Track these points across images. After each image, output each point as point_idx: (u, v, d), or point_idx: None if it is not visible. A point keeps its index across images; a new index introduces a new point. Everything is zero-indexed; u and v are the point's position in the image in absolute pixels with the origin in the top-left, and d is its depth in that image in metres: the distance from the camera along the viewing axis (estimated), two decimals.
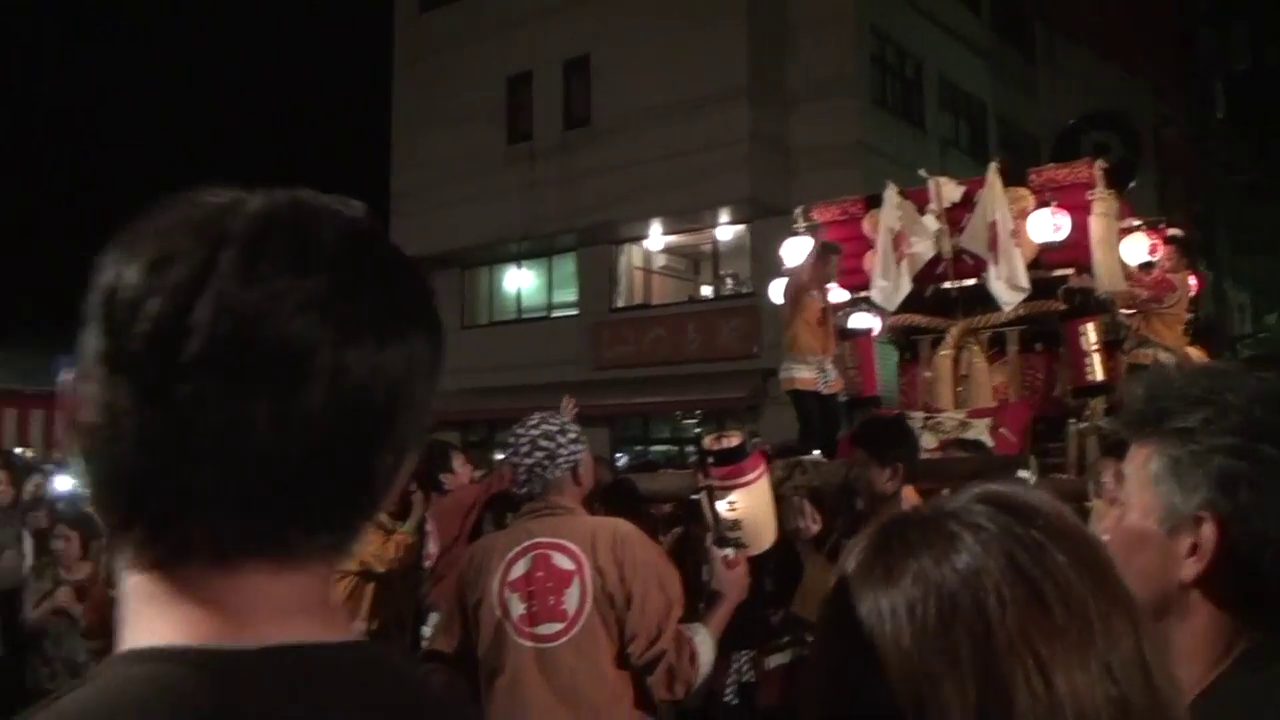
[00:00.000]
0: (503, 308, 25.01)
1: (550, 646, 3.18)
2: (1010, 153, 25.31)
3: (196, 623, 0.76)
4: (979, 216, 7.43)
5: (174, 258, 0.76)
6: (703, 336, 21.03)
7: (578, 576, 3.20)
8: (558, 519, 3.33)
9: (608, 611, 3.18)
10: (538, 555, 3.26)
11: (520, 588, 3.24)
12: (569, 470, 3.39)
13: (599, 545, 3.22)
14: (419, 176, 23.65)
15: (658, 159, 19.74)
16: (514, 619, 3.22)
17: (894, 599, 0.78)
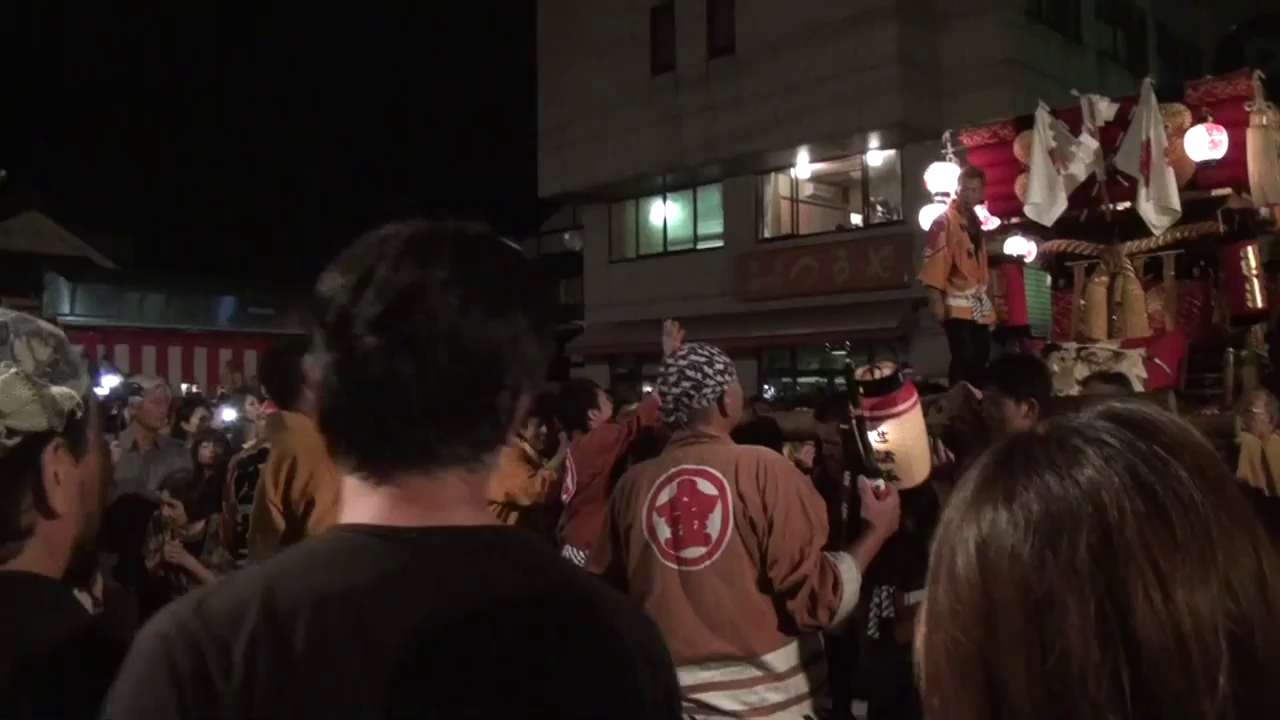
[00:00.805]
0: (649, 241, 25.03)
1: (694, 570, 3.24)
2: (1170, 64, 24.12)
3: (376, 509, 1.16)
4: (1132, 135, 7.05)
5: (352, 269, 1.17)
6: (852, 266, 20.72)
7: (720, 501, 3.24)
8: (703, 446, 3.37)
9: (749, 536, 3.20)
10: (683, 481, 3.31)
11: (666, 513, 3.31)
12: (715, 400, 3.39)
13: (741, 471, 3.24)
14: (564, 112, 23.73)
15: (804, 85, 19.39)
16: (661, 542, 3.30)
17: (1014, 512, 0.80)
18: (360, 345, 1.12)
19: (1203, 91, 7.09)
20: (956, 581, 0.81)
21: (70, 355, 1.31)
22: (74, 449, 1.30)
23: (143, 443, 6.69)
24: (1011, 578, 0.77)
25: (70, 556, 1.31)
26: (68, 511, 1.28)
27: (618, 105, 22.48)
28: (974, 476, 0.86)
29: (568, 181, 24.48)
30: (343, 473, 1.19)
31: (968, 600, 0.80)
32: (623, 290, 24.30)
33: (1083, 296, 7.97)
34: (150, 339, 21.73)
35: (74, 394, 1.28)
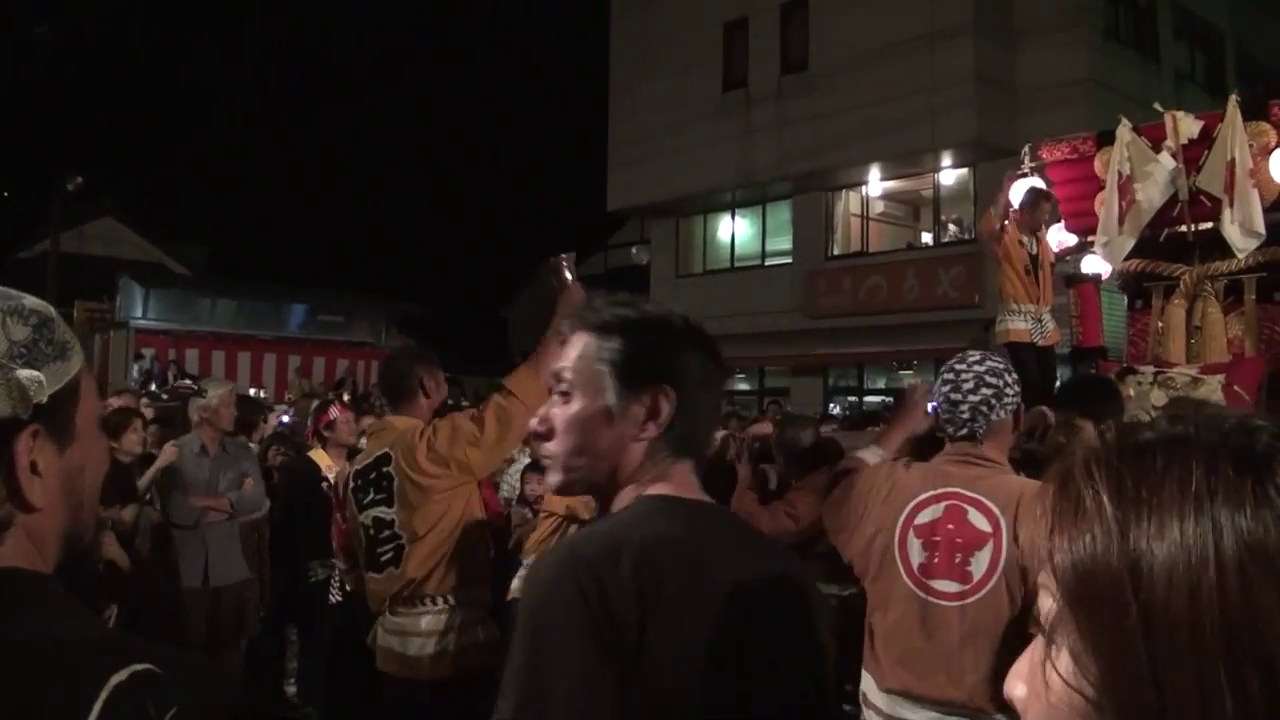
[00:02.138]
0: (717, 256, 25.04)
1: (942, 604, 3.02)
2: (1250, 86, 23.66)
3: (664, 488, 1.69)
4: (1216, 154, 6.90)
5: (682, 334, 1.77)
6: (922, 284, 20.58)
7: (993, 541, 2.97)
8: (980, 470, 3.11)
9: (1017, 586, 2.91)
10: (951, 506, 3.07)
11: (925, 534, 3.08)
12: (1013, 413, 3.18)
13: (1023, 512, 2.94)
14: (636, 126, 23.82)
15: (877, 102, 19.31)
16: (911, 564, 3.09)
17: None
18: (700, 379, 1.73)
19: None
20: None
21: (57, 335, 1.20)
22: (57, 437, 1.19)
23: (210, 446, 6.71)
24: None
25: (60, 550, 1.22)
26: (49, 503, 1.19)
27: (688, 121, 22.53)
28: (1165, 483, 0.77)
29: (636, 196, 24.56)
30: (638, 467, 1.70)
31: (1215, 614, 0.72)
32: (689, 305, 23.66)
33: (1160, 319, 7.81)
34: (220, 344, 22.10)
35: (42, 378, 1.16)
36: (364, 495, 4.11)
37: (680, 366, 1.69)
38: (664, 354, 1.69)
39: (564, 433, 1.70)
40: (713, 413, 1.81)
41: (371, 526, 4.06)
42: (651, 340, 1.70)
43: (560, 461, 1.72)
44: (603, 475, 1.71)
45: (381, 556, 4.05)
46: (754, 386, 24.50)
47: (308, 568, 6.70)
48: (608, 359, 1.69)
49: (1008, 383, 3.15)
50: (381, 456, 4.08)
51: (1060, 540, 0.79)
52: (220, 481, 6.65)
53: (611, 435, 1.68)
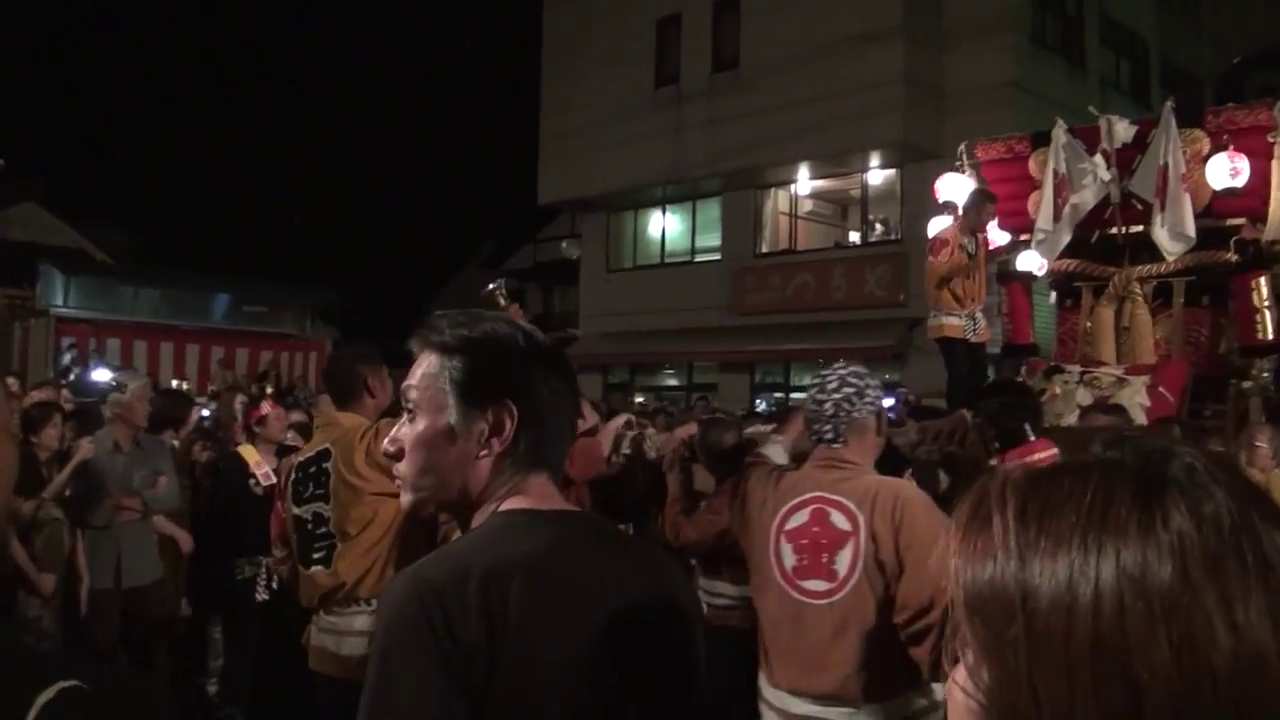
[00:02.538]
0: (647, 252, 25.07)
1: (814, 603, 3.18)
2: (1172, 93, 24.21)
3: (522, 502, 1.68)
4: (1149, 159, 7.03)
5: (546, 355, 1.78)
6: (848, 283, 20.76)
7: (852, 539, 3.14)
8: (841, 473, 3.27)
9: (877, 579, 3.09)
10: (816, 509, 3.23)
11: (794, 538, 3.24)
12: (874, 413, 3.33)
13: (877, 509, 3.13)
14: (567, 120, 23.76)
15: (807, 102, 19.41)
16: (785, 568, 3.25)
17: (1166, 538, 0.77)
18: (550, 394, 1.74)
19: (1223, 119, 7.05)
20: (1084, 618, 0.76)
21: None
22: None
23: (124, 442, 6.45)
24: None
25: None
26: None
27: (620, 116, 22.49)
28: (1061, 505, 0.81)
29: (567, 190, 24.50)
30: (495, 480, 1.70)
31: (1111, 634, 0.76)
32: (618, 300, 24.31)
33: (1090, 319, 7.94)
34: (143, 334, 21.63)
35: None
36: (303, 489, 4.09)
37: (524, 383, 1.70)
38: (506, 371, 1.70)
39: (411, 452, 1.71)
40: (566, 425, 1.80)
41: (310, 521, 4.05)
42: (493, 358, 1.71)
43: (409, 481, 1.73)
44: (453, 494, 1.71)
45: (315, 553, 4.03)
46: (682, 382, 24.55)
47: (234, 565, 6.55)
48: (449, 378, 1.69)
49: (869, 384, 3.32)
50: (323, 452, 4.07)
51: (964, 559, 0.84)
52: (134, 479, 6.42)
53: (456, 453, 1.68)
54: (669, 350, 23.20)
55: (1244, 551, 0.75)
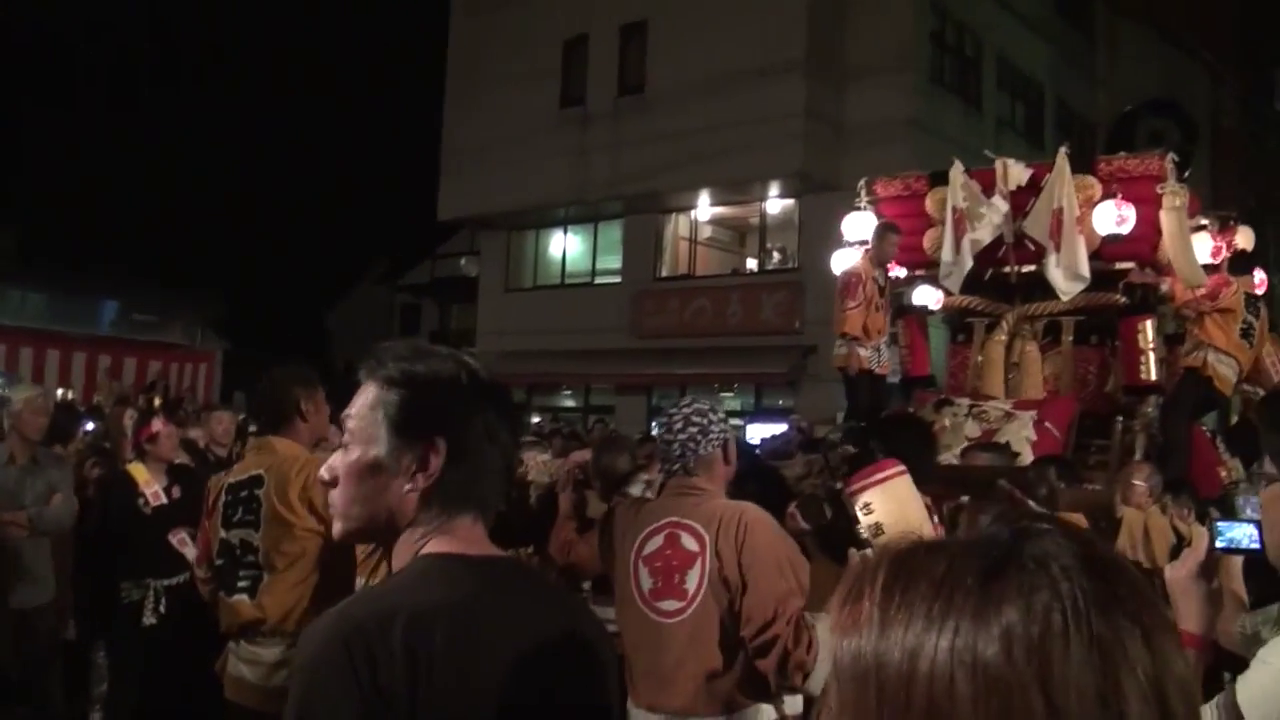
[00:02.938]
0: (547, 272, 25.05)
1: (668, 622, 3.36)
2: (1066, 136, 24.98)
3: (446, 545, 1.68)
4: (1043, 202, 7.26)
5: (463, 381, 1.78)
6: (745, 309, 20.99)
7: (700, 558, 3.34)
8: (692, 499, 3.47)
9: (721, 595, 3.28)
10: (670, 534, 3.43)
11: (650, 562, 3.44)
12: (720, 446, 3.53)
13: (722, 529, 3.32)
14: (470, 136, 23.65)
15: (710, 129, 19.63)
16: (643, 591, 3.43)
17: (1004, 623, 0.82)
18: (475, 433, 1.73)
19: (1115, 167, 7.31)
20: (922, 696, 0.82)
21: None
22: None
23: (19, 456, 6.19)
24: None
25: None
26: None
27: (524, 134, 22.47)
28: (913, 583, 0.86)
29: (468, 206, 24.38)
30: (414, 522, 1.71)
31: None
32: (517, 320, 24.24)
33: (981, 353, 8.14)
34: (28, 340, 20.86)
35: None
36: (233, 512, 3.99)
37: (458, 421, 1.72)
38: (440, 407, 1.72)
39: (343, 481, 1.73)
40: (499, 467, 1.79)
41: (238, 547, 3.96)
42: (429, 394, 1.73)
43: (339, 510, 1.75)
44: (380, 525, 1.73)
45: (240, 580, 3.94)
46: (579, 404, 24.56)
47: (120, 587, 6.31)
48: (384, 411, 1.72)
49: (712, 421, 3.52)
50: (256, 477, 3.97)
51: (839, 629, 0.89)
52: (26, 494, 6.16)
53: (382, 485, 1.70)
54: (566, 371, 23.19)
55: (1073, 638, 0.80)
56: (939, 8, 20.85)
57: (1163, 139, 20.95)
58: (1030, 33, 23.86)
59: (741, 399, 22.87)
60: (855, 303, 7.85)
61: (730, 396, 23.22)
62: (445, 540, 1.69)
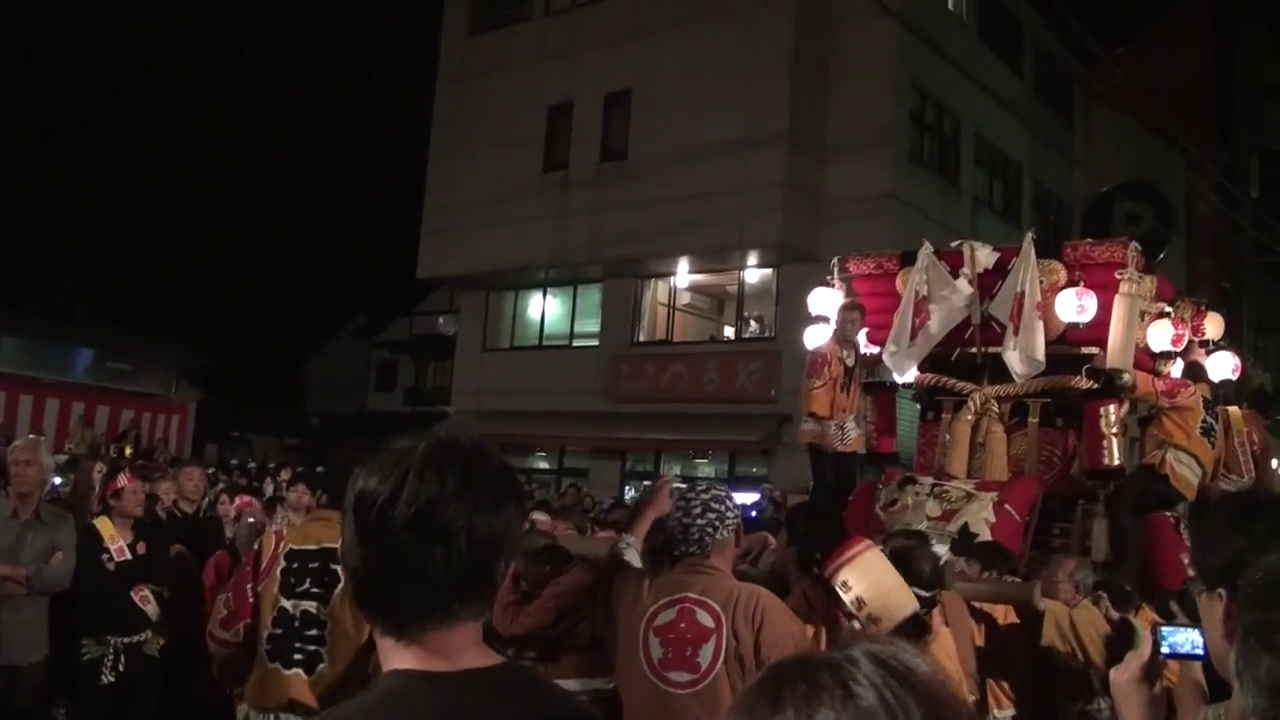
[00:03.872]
0: (524, 333, 25.11)
1: (677, 693, 3.50)
2: (1043, 216, 25.40)
3: (415, 659, 1.52)
4: (1009, 285, 7.35)
5: (388, 476, 1.53)
6: (721, 377, 21.07)
7: (715, 635, 3.50)
8: (707, 577, 3.64)
9: (735, 671, 3.43)
10: (684, 608, 3.58)
11: (662, 634, 3.57)
12: (733, 532, 3.76)
13: (739, 610, 3.50)
14: (452, 196, 23.81)
15: (691, 197, 19.82)
16: (652, 660, 3.56)
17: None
18: (398, 540, 1.50)
19: (1080, 253, 7.39)
20: None
21: None
22: None
23: (23, 511, 6.09)
24: None
25: None
26: None
27: (506, 196, 22.63)
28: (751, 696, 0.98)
29: (448, 266, 24.46)
30: (378, 633, 1.57)
31: None
32: (493, 379, 24.26)
33: (948, 432, 8.18)
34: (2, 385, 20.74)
35: None
36: (298, 581, 3.92)
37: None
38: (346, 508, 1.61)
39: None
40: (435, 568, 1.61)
41: (299, 619, 3.89)
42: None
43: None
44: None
45: (296, 653, 3.87)
46: (553, 466, 24.52)
47: (81, 645, 6.21)
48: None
49: (728, 508, 3.75)
50: (330, 551, 3.89)
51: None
52: (26, 551, 6.03)
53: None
54: (541, 433, 23.17)
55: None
56: (919, 86, 21.18)
57: (1139, 221, 21.34)
58: (1008, 113, 24.22)
59: (715, 466, 22.88)
60: (820, 382, 7.95)
61: (704, 463, 23.25)
62: (416, 650, 1.55)
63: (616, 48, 21.81)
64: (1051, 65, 26.16)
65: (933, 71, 21.21)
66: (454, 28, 25.32)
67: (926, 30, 20.92)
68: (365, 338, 38.70)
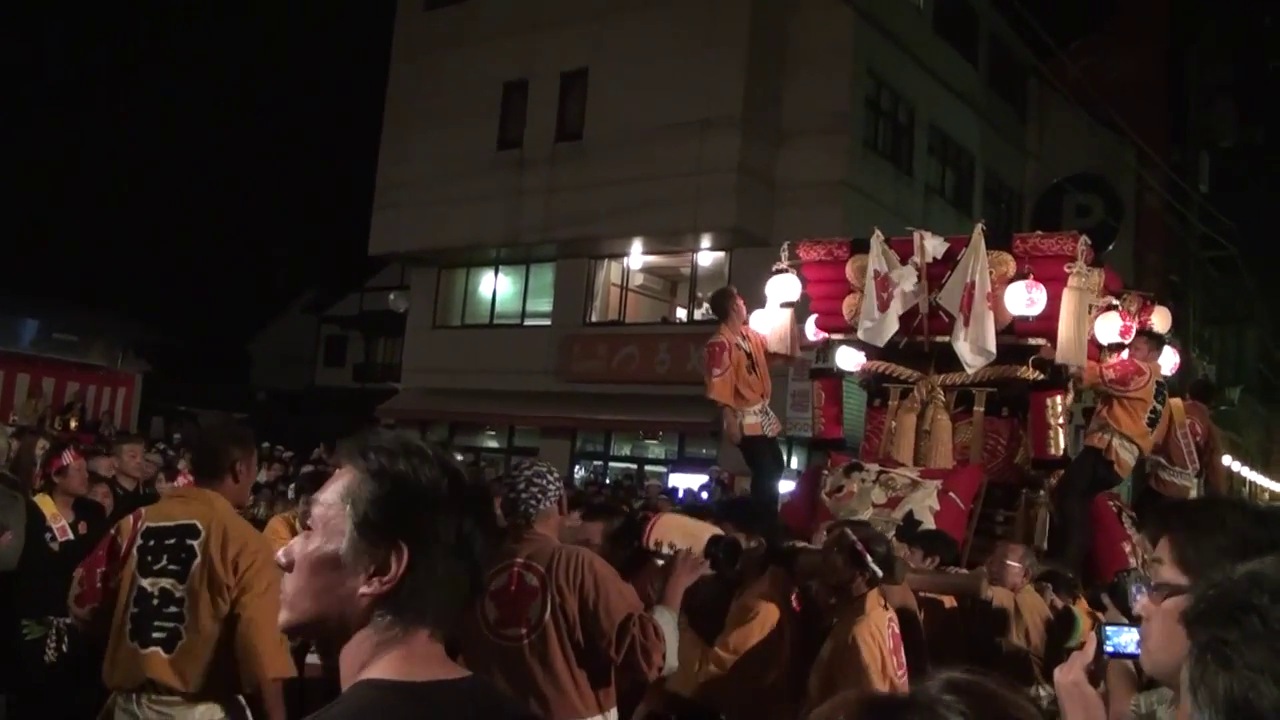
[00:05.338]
0: (476, 311, 25.01)
1: (513, 645, 3.86)
2: (994, 205, 25.61)
3: (393, 665, 1.54)
4: (958, 275, 7.36)
5: (443, 470, 1.66)
6: (673, 358, 21.08)
7: (542, 593, 3.87)
8: (533, 544, 4.00)
9: (562, 622, 3.84)
10: (513, 572, 3.94)
11: (496, 597, 3.92)
12: (555, 502, 4.14)
13: (559, 570, 3.88)
14: (405, 172, 23.64)
15: (645, 179, 19.81)
16: (489, 620, 3.91)
17: None
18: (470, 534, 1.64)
19: (1030, 245, 7.40)
20: None
21: None
22: None
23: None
24: None
25: None
26: None
27: (460, 173, 22.48)
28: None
29: (399, 242, 24.31)
30: (370, 626, 1.59)
31: None
32: (443, 357, 24.14)
33: (894, 419, 8.22)
34: None
35: None
36: (154, 559, 3.88)
37: (427, 527, 1.60)
38: (412, 510, 1.60)
39: (297, 569, 1.63)
40: (464, 583, 1.65)
41: (157, 597, 3.84)
42: (403, 494, 1.60)
43: (289, 599, 1.64)
44: (329, 623, 1.61)
45: (155, 632, 3.82)
46: (503, 445, 24.48)
47: (23, 625, 6.09)
48: (353, 504, 1.60)
49: (550, 482, 4.15)
50: (189, 527, 3.87)
51: None
52: None
53: (336, 582, 1.58)
54: (491, 411, 23.11)
55: None
56: (875, 74, 21.26)
57: (1089, 213, 21.59)
58: (962, 104, 24.41)
59: (665, 447, 22.94)
60: (720, 370, 8.03)
61: (654, 444, 23.30)
62: (393, 659, 1.56)
63: (574, 26, 21.69)
64: (1007, 57, 26.33)
65: (889, 60, 21.33)
66: (409, 2, 25.07)
67: (883, 19, 21.07)
68: (314, 313, 38.36)
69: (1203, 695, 1.18)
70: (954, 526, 6.86)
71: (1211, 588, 1.25)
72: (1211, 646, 1.19)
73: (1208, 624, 1.21)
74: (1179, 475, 8.73)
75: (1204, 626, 1.21)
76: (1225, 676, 1.16)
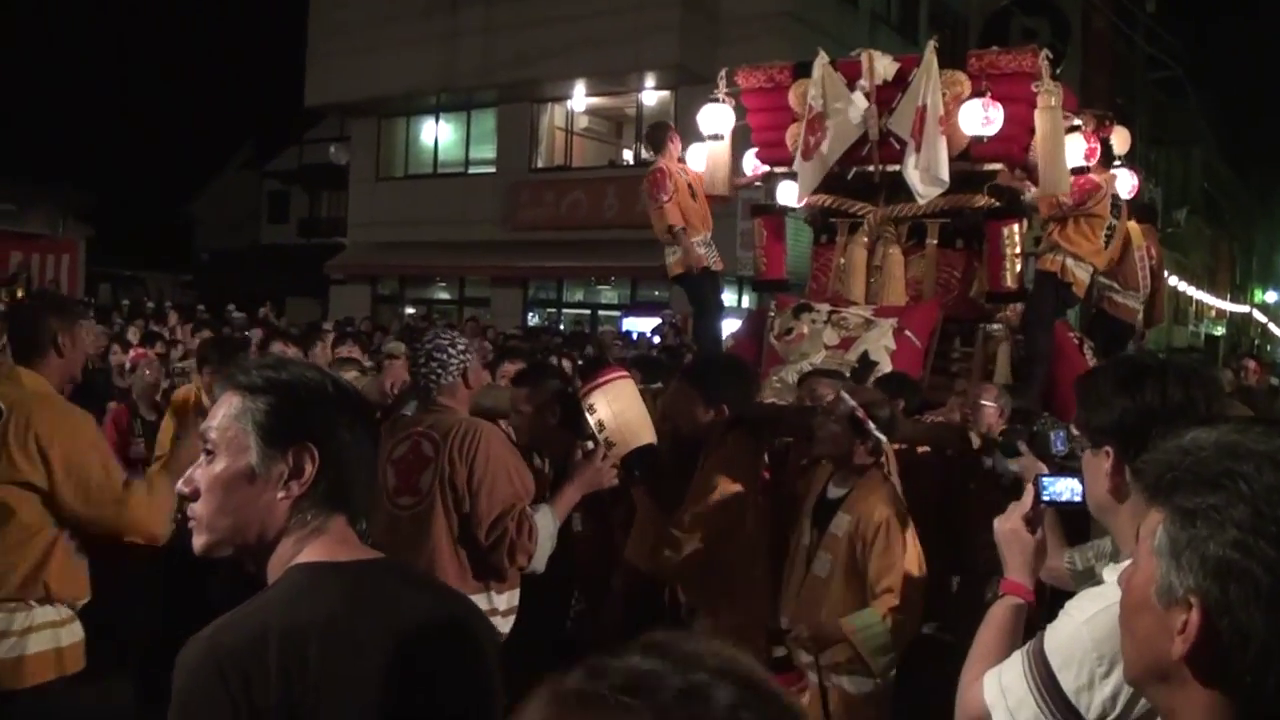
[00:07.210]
0: (419, 161, 24.48)
1: (402, 515, 3.91)
2: (940, 32, 24.96)
3: (323, 548, 1.71)
4: (909, 98, 6.94)
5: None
6: (621, 202, 20.64)
7: (434, 462, 3.87)
8: (436, 414, 4.02)
9: (449, 494, 3.84)
10: (413, 441, 3.96)
11: (396, 465, 3.96)
12: (460, 375, 4.07)
13: (455, 439, 3.87)
14: (336, 19, 22.88)
15: (585, 17, 19.29)
16: (389, 488, 3.93)
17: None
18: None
19: (986, 62, 6.90)
20: None
21: None
22: None
23: None
24: None
25: None
26: None
27: (393, 18, 21.73)
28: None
29: (335, 92, 23.58)
30: (319, 521, 1.74)
31: None
32: (389, 210, 23.68)
33: (843, 256, 7.89)
34: None
35: None
36: None
37: (327, 427, 1.74)
38: (309, 413, 1.73)
39: (208, 492, 1.72)
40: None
41: None
42: (297, 401, 1.74)
43: (204, 522, 1.73)
44: (251, 536, 1.72)
45: None
46: (454, 296, 24.25)
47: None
48: (252, 419, 1.71)
49: (452, 355, 4.07)
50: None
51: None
52: None
53: (255, 494, 1.71)
54: (440, 263, 22.82)
55: None
56: None
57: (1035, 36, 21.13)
58: None
59: (618, 292, 22.77)
60: (668, 196, 7.72)
61: (607, 289, 23.09)
62: (318, 546, 1.72)
63: None
64: None
65: None
66: None
67: None
68: (254, 169, 37.39)
69: (1188, 558, 1.20)
70: (911, 366, 6.59)
71: (1187, 456, 1.26)
72: (1201, 511, 1.20)
73: (1190, 491, 1.22)
74: (1131, 298, 8.55)
75: (1186, 494, 1.22)
76: (1217, 540, 1.18)
